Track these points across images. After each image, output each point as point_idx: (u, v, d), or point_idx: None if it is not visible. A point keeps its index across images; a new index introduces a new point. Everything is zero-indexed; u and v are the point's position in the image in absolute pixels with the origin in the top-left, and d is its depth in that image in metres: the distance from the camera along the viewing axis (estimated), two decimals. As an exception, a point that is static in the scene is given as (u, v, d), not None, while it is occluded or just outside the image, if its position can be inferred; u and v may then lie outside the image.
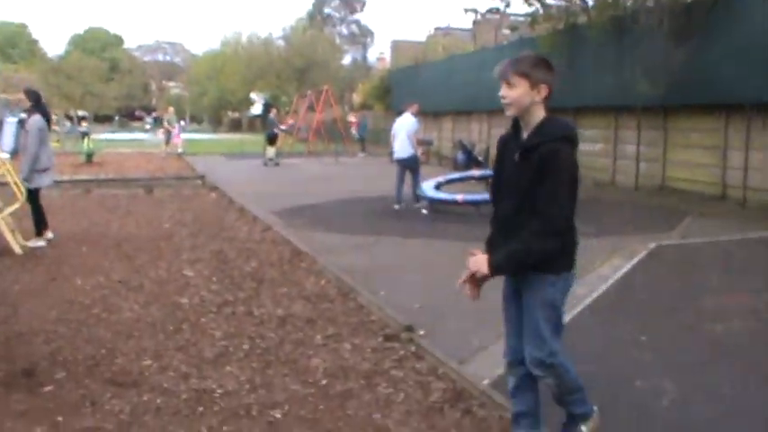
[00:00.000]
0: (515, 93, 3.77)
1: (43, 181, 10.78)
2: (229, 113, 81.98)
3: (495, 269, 3.79)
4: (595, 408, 4.20)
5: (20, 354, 5.96)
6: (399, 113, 17.21)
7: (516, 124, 3.93)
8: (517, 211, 3.82)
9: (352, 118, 40.62)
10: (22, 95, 11.23)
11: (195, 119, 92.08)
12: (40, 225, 10.88)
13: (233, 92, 70.85)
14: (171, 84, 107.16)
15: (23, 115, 10.94)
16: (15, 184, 10.70)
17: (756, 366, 5.72)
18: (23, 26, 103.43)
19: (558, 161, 3.67)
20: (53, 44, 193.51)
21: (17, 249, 10.15)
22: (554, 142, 3.71)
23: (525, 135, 3.84)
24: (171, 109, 37.89)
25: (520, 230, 3.75)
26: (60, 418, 4.68)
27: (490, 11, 24.27)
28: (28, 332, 6.51)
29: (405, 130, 15.04)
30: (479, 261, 3.82)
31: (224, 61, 72.61)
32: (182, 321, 6.85)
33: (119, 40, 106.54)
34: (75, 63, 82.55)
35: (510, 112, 3.85)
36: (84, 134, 32.75)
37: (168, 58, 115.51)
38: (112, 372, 5.51)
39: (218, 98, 76.22)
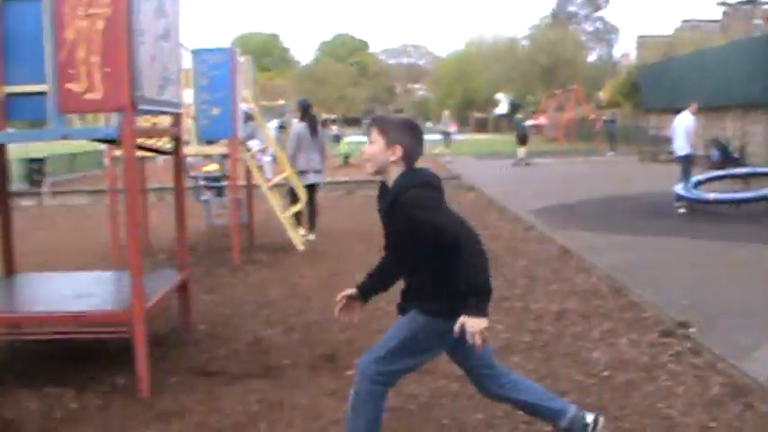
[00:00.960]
0: (371, 149, 3.84)
1: (302, 181, 11.61)
2: (475, 114, 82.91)
3: (482, 315, 3.54)
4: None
5: (319, 340, 6.59)
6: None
7: (384, 184, 3.96)
8: (410, 271, 3.92)
9: (592, 115, 39.98)
10: (279, 102, 12.20)
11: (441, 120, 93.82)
12: (313, 219, 11.78)
13: (478, 92, 71.58)
14: (416, 86, 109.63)
15: (276, 121, 11.86)
16: (297, 186, 11.56)
17: None
18: (275, 36, 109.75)
19: (413, 207, 3.63)
20: (303, 52, 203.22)
21: (300, 246, 11.00)
22: (405, 193, 3.68)
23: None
24: (446, 112, 39.24)
25: (425, 287, 3.85)
26: (367, 399, 5.14)
27: (741, 2, 23.23)
28: (323, 321, 7.14)
29: (683, 128, 14.98)
30: (473, 324, 3.51)
31: (469, 62, 73.47)
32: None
33: (364, 45, 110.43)
34: (326, 69, 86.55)
35: (367, 169, 3.91)
36: (337, 137, 34.34)
37: (413, 60, 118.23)
38: (406, 359, 5.95)
39: (463, 99, 77.24)
